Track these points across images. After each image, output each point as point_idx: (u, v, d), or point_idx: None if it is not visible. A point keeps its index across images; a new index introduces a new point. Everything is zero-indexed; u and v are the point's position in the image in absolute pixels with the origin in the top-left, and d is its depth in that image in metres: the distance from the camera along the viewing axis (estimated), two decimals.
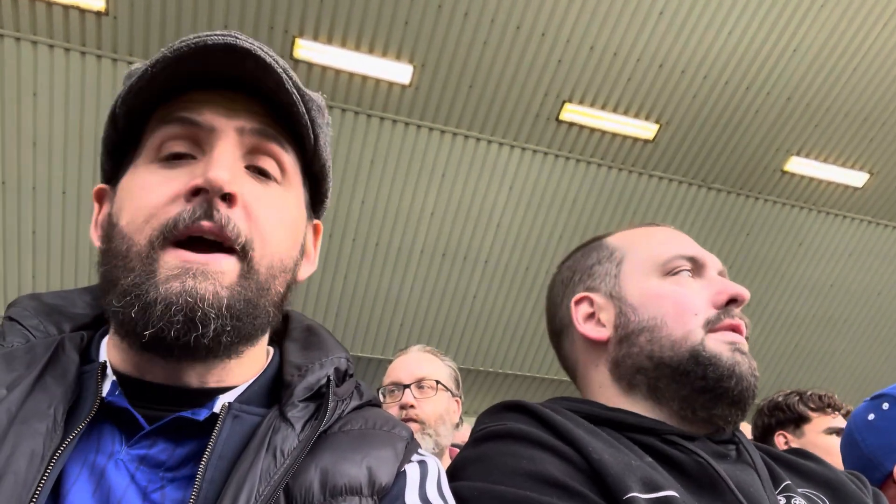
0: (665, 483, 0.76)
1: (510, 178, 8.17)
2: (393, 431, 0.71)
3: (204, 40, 0.63)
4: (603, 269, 1.03)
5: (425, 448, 1.77)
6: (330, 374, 0.72)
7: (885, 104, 7.69)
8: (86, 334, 0.70)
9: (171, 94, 0.69)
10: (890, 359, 10.88)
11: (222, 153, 0.65)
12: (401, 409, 1.85)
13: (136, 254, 0.62)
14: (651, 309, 0.95)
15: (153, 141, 0.68)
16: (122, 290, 0.61)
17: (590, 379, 1.01)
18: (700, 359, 0.90)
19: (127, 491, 0.58)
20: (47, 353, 0.62)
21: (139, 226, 0.63)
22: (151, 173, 0.66)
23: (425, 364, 2.00)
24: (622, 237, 1.08)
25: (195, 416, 0.63)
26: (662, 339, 0.92)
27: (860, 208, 9.06)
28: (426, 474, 0.70)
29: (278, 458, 0.60)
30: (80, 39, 6.25)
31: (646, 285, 0.98)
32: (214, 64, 0.65)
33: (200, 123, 0.66)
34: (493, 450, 0.82)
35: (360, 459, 0.64)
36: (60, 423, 0.57)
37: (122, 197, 0.68)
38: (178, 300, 0.59)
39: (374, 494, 0.63)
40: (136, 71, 0.67)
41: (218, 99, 0.68)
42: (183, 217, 0.62)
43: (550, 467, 0.76)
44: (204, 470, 0.59)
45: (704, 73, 7.22)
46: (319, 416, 0.66)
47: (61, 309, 0.72)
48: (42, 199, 7.16)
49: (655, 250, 1.02)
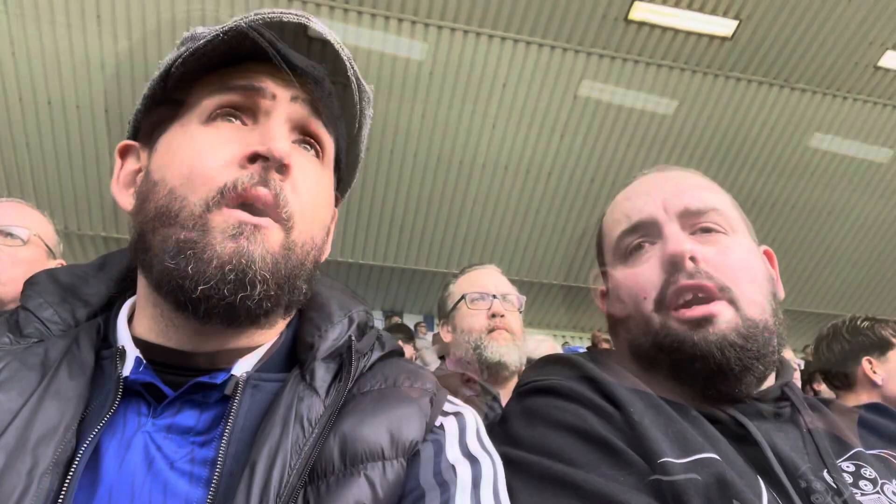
0: (701, 445, 0.73)
1: (575, 85, 7.83)
2: (415, 386, 0.70)
3: (279, 17, 0.66)
4: (601, 251, 1.02)
5: (512, 360, 1.81)
6: (352, 334, 0.72)
7: None
8: (101, 321, 0.71)
9: (230, 62, 0.70)
10: None
11: (279, 124, 0.68)
12: (491, 317, 1.87)
13: (190, 212, 0.63)
14: (623, 298, 0.92)
15: (207, 104, 0.69)
16: (175, 248, 0.62)
17: (621, 350, 0.98)
18: (662, 346, 0.84)
19: (154, 461, 0.58)
20: (61, 356, 0.63)
21: (194, 185, 0.64)
22: (203, 134, 0.67)
23: (506, 282, 2.01)
24: (607, 214, 1.03)
25: (213, 379, 0.63)
26: (633, 329, 0.89)
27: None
28: (465, 427, 0.69)
29: (306, 429, 0.60)
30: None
31: (614, 274, 0.95)
32: (285, 41, 0.67)
33: (262, 90, 0.68)
34: (539, 403, 0.82)
35: (381, 422, 0.63)
36: (73, 431, 0.58)
37: (168, 154, 0.68)
38: (233, 260, 0.61)
39: (398, 455, 0.62)
40: (200, 35, 0.69)
41: (276, 71, 0.69)
42: (242, 180, 0.63)
43: (594, 423, 0.75)
44: (226, 445, 0.59)
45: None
46: (343, 378, 0.66)
47: (75, 290, 0.73)
48: None
49: (612, 233, 0.96)
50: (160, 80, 0.72)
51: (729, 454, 0.74)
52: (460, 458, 0.64)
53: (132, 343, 0.67)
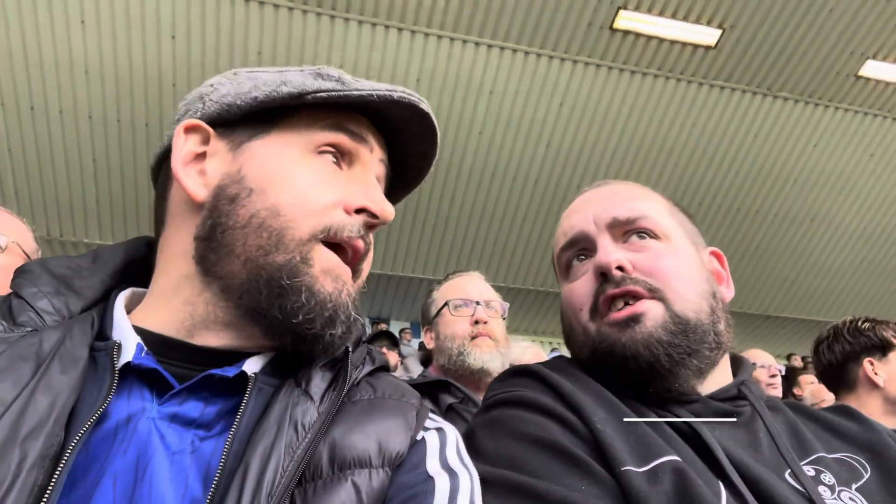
0: (662, 449, 0.75)
1: (561, 92, 7.87)
2: (402, 400, 0.72)
3: (409, 98, 0.75)
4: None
5: (495, 366, 1.80)
6: (349, 346, 0.73)
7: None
8: (95, 314, 0.70)
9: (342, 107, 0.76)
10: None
11: (377, 183, 0.77)
12: (474, 323, 1.86)
13: (296, 239, 0.66)
14: (566, 313, 0.97)
15: (317, 137, 0.73)
16: (277, 267, 0.65)
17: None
18: (597, 354, 0.88)
19: (157, 450, 0.59)
20: (55, 349, 0.63)
21: (304, 213, 0.67)
22: (311, 168, 0.71)
23: (489, 289, 2.01)
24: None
25: (225, 373, 0.64)
26: (577, 342, 0.94)
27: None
28: (445, 441, 0.70)
29: (300, 432, 0.61)
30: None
31: (562, 289, 1.01)
32: (403, 109, 0.76)
33: (368, 142, 0.76)
34: (503, 415, 0.83)
35: (370, 431, 0.65)
36: (62, 424, 0.57)
37: (271, 171, 0.70)
38: (330, 299, 0.67)
39: (384, 465, 0.64)
40: (348, 82, 0.74)
41: (374, 129, 0.79)
42: (349, 229, 0.70)
43: (557, 434, 0.77)
44: (231, 442, 0.60)
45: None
46: (338, 388, 0.67)
47: (69, 282, 0.73)
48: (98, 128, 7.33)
49: (556, 249, 1.02)
50: (287, 94, 0.72)
51: (687, 456, 0.75)
52: (439, 471, 0.66)
53: (133, 331, 0.67)
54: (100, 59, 6.86)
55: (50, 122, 7.28)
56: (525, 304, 10.49)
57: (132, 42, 6.79)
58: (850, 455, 0.85)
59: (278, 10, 6.74)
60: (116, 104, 7.26)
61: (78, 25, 6.60)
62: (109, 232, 8.48)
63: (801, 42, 7.44)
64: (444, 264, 9.57)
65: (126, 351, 0.64)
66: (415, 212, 8.97)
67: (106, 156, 7.69)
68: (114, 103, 7.25)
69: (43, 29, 6.56)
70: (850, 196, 9.38)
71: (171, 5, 6.62)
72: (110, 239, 8.52)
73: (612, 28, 7.18)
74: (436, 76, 7.56)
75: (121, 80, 7.06)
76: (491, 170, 8.61)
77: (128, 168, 7.81)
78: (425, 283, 9.73)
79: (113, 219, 8.36)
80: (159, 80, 7.09)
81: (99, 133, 7.46)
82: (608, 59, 7.57)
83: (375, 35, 7.09)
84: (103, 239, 8.49)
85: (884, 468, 0.82)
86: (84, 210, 8.22)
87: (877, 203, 9.50)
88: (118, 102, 7.24)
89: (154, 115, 7.34)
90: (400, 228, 9.15)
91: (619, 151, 8.51)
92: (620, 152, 8.51)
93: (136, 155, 7.68)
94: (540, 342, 10.93)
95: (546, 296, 10.47)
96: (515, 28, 7.18)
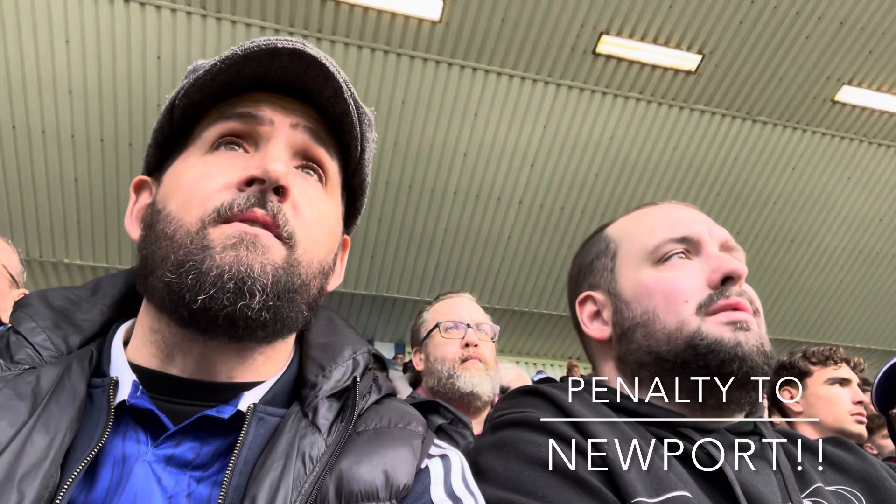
0: (674, 483, 0.74)
1: (545, 115, 7.96)
2: (408, 428, 0.70)
3: (274, 43, 0.66)
4: (601, 265, 1.02)
5: (485, 390, 1.79)
6: (357, 376, 0.71)
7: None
8: (94, 349, 0.69)
9: (231, 93, 0.71)
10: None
11: (277, 148, 0.68)
12: (465, 346, 1.86)
13: (186, 232, 0.63)
14: (643, 303, 0.93)
15: (209, 134, 0.70)
16: (174, 263, 0.62)
17: (604, 373, 1.00)
18: (698, 348, 0.86)
19: (154, 494, 0.57)
20: (52, 386, 0.62)
21: (189, 208, 0.65)
22: (204, 163, 0.69)
23: (479, 311, 2.01)
24: (618, 226, 1.05)
25: (220, 414, 0.62)
26: (657, 333, 0.90)
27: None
28: (450, 469, 0.69)
29: (307, 465, 0.60)
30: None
31: (636, 278, 0.96)
32: (279, 66, 0.69)
33: (260, 117, 0.69)
34: (513, 437, 0.82)
35: (376, 462, 0.64)
36: (58, 465, 0.56)
37: (171, 184, 0.69)
38: (231, 269, 0.61)
39: (392, 497, 0.62)
40: (202, 65, 0.70)
41: (275, 99, 0.71)
42: (238, 202, 0.64)
43: (569, 459, 0.76)
44: (230, 477, 0.59)
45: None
46: (346, 419, 0.66)
47: (69, 315, 0.72)
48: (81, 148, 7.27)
49: (644, 238, 0.98)
50: (167, 114, 0.73)
51: (696, 494, 0.75)
52: (444, 499, 0.65)
53: (129, 368, 0.66)
54: (83, 79, 6.83)
55: (32, 141, 7.21)
56: (510, 325, 10.48)
57: (117, 61, 6.78)
58: (845, 488, 0.86)
59: (265, 32, 6.77)
60: (100, 124, 7.21)
61: (62, 45, 6.57)
62: (90, 253, 8.37)
63: (778, 68, 7.61)
64: (429, 285, 9.56)
65: (122, 389, 0.63)
66: (399, 232, 8.97)
67: (88, 176, 7.61)
68: (97, 123, 7.20)
69: (26, 48, 6.53)
70: (828, 217, 9.55)
71: (157, 25, 6.63)
72: (91, 260, 8.42)
73: (595, 53, 7.30)
74: (420, 99, 7.62)
75: (104, 99, 7.03)
76: (475, 191, 8.66)
77: (110, 188, 7.74)
78: (410, 304, 9.70)
79: (94, 239, 8.26)
80: (143, 99, 7.07)
81: (81, 153, 7.40)
82: (591, 82, 7.69)
83: (361, 57, 7.14)
84: (84, 260, 8.38)
85: (878, 500, 0.84)
86: (65, 230, 8.11)
87: (854, 224, 9.67)
88: (101, 122, 7.20)
89: (138, 136, 7.30)
90: (385, 249, 9.13)
91: (601, 173, 8.60)
92: (603, 174, 8.60)
93: (118, 175, 7.62)
94: (524, 363, 10.92)
95: (531, 316, 10.47)
96: (500, 52, 7.27)
